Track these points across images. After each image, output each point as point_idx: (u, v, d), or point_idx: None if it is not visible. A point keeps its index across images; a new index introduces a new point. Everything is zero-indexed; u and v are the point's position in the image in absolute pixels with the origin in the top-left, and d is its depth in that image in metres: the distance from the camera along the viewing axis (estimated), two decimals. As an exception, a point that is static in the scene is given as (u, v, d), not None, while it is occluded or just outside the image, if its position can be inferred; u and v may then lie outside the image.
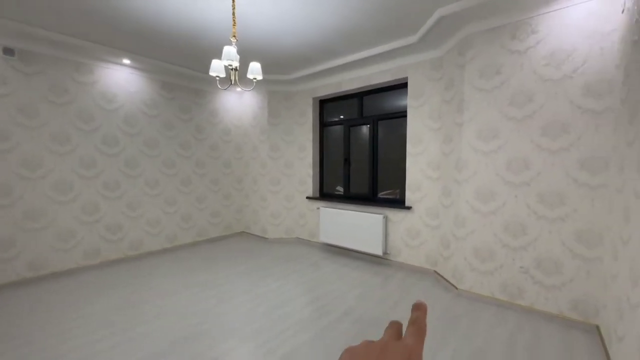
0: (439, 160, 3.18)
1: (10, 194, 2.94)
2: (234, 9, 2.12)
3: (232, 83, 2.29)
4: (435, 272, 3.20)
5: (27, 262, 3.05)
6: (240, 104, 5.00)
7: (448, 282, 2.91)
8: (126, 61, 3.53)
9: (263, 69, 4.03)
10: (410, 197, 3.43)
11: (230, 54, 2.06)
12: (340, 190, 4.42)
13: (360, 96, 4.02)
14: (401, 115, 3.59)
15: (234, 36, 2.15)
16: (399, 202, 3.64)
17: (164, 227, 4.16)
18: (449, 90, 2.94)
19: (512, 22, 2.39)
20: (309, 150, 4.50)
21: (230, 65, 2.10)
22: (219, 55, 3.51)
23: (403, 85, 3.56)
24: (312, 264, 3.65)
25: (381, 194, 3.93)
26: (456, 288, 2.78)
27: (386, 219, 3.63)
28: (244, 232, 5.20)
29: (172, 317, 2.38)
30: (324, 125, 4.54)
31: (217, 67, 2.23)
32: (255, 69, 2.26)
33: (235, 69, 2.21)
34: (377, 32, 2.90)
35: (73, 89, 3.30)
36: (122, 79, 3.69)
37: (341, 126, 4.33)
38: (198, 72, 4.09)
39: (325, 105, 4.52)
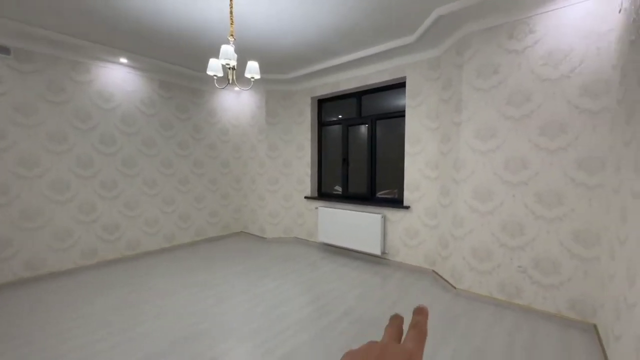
0: (437, 160, 3.18)
1: (7, 193, 2.93)
2: (231, 8, 2.11)
3: (230, 82, 2.28)
4: (434, 271, 3.21)
5: (24, 261, 3.04)
6: (238, 103, 4.98)
7: (446, 281, 2.91)
8: (123, 60, 3.52)
9: (261, 68, 4.01)
10: (408, 197, 3.43)
11: (228, 52, 2.06)
12: (338, 189, 4.41)
13: (359, 96, 4.02)
14: (399, 114, 3.58)
15: (232, 35, 2.15)
16: (397, 202, 3.64)
17: (161, 227, 4.15)
18: (447, 89, 2.94)
19: (510, 22, 2.40)
20: (307, 150, 4.49)
21: (227, 64, 2.09)
22: (217, 55, 3.49)
23: (401, 85, 3.56)
24: (311, 264, 3.65)
25: (379, 194, 3.93)
26: (454, 288, 2.79)
27: (384, 218, 3.63)
28: (242, 232, 5.19)
29: (171, 317, 2.37)
30: (322, 125, 4.54)
31: (214, 66, 2.22)
32: (253, 68, 2.26)
33: (233, 68, 2.20)
34: (375, 32, 2.90)
35: (70, 88, 3.28)
36: (119, 78, 3.67)
37: (339, 126, 4.32)
38: (196, 71, 4.08)
39: (323, 104, 4.51)
